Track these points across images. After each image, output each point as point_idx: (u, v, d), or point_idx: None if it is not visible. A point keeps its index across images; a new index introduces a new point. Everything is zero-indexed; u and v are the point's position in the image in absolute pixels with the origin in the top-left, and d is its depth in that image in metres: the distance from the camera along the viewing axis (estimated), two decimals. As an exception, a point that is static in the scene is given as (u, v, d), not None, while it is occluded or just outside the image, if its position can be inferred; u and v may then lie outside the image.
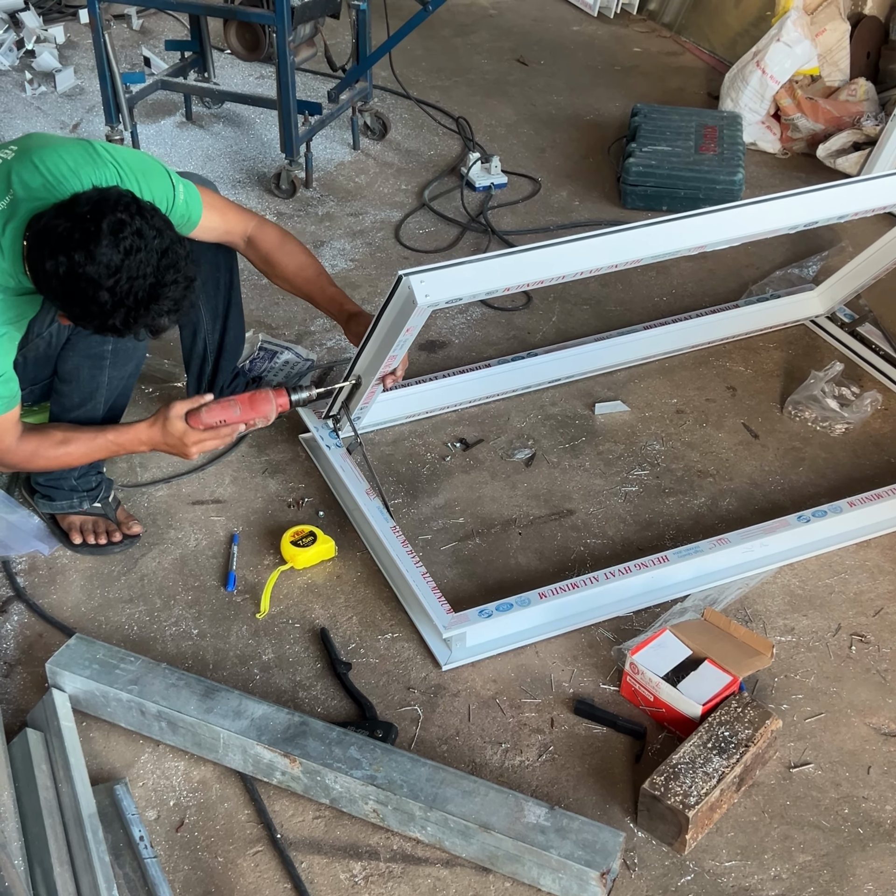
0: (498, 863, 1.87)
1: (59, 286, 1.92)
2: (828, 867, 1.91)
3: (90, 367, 2.33)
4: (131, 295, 1.91)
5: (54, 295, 1.97)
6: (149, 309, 1.95)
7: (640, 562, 2.37)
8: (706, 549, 2.40)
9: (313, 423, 2.74)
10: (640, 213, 3.88)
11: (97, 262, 1.88)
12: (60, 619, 2.34)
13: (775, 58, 4.19)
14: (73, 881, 1.77)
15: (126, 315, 1.94)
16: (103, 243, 1.87)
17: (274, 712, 2.03)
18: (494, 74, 4.98)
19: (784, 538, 2.47)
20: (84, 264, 1.87)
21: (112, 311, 1.93)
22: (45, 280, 1.94)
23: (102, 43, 3.77)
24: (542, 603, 2.28)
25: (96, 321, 1.97)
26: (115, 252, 1.88)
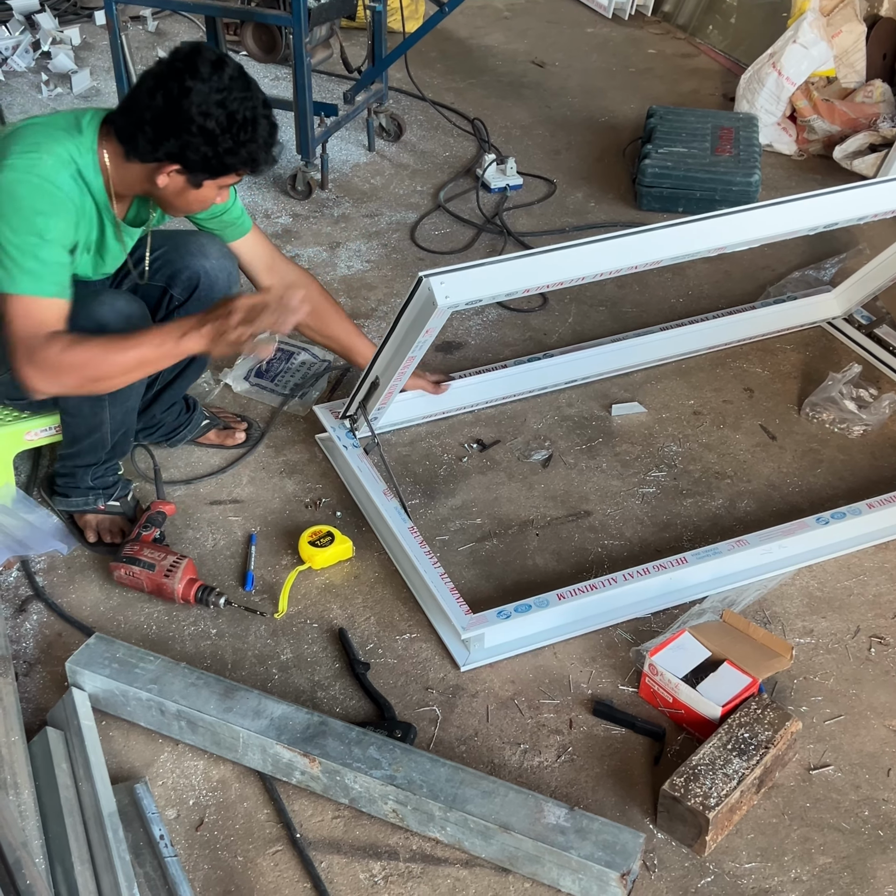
0: (517, 863, 1.87)
1: (175, 113, 2.02)
2: (848, 869, 1.91)
3: (91, 405, 2.35)
4: (241, 111, 2.04)
5: (168, 127, 2.03)
6: (255, 132, 2.08)
7: (658, 563, 2.37)
8: (725, 551, 2.40)
9: (330, 424, 2.74)
10: (655, 215, 3.87)
11: (192, 89, 2.01)
12: (79, 618, 2.34)
13: (791, 59, 4.18)
14: (93, 880, 1.78)
15: (237, 133, 2.05)
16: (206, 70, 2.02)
17: (293, 712, 2.03)
18: (509, 76, 4.99)
19: (803, 540, 2.46)
20: (184, 91, 2.01)
21: (223, 130, 2.04)
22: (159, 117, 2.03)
23: (119, 44, 3.78)
24: (560, 604, 2.28)
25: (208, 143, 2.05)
26: (206, 81, 2.02)
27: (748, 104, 4.32)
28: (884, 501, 2.53)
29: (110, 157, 2.15)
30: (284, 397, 2.95)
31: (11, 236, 2.03)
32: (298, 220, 3.82)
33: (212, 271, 2.42)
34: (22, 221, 2.03)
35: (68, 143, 2.10)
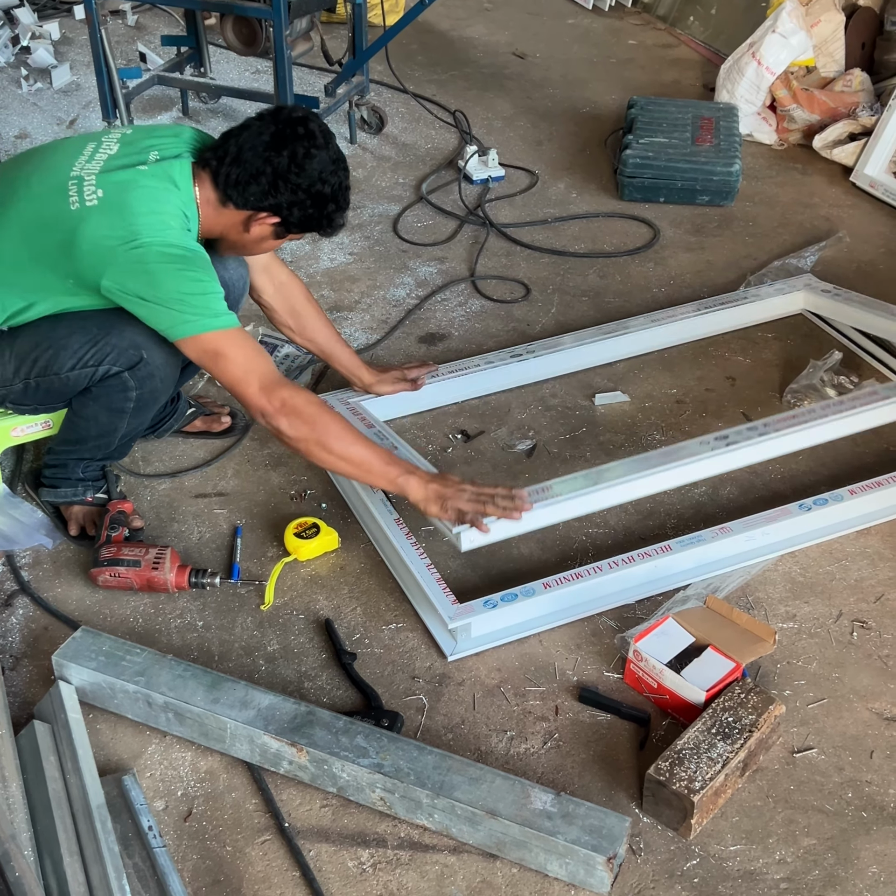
0: (505, 849, 1.89)
1: (281, 183, 2.18)
2: (832, 850, 1.93)
3: (109, 416, 2.39)
4: (339, 190, 2.25)
5: (285, 188, 2.18)
6: (346, 200, 2.29)
7: (643, 551, 2.38)
8: (709, 538, 2.41)
9: None
10: (637, 205, 3.89)
11: (316, 156, 2.19)
12: (65, 612, 2.35)
13: (771, 49, 4.20)
14: (82, 871, 1.78)
15: (340, 200, 2.26)
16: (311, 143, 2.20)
17: (280, 702, 2.04)
18: (491, 68, 4.99)
19: (786, 526, 2.48)
20: (309, 155, 2.18)
21: (331, 197, 2.23)
22: (280, 174, 2.17)
23: (99, 38, 3.77)
24: (546, 593, 2.29)
25: (316, 206, 2.23)
26: (325, 150, 2.21)
27: (728, 94, 4.33)
28: (865, 487, 2.55)
29: (201, 203, 2.23)
30: (268, 390, 2.95)
31: (186, 295, 2.13)
32: (281, 214, 3.82)
33: (230, 281, 2.45)
34: (187, 281, 2.13)
35: (176, 200, 2.18)
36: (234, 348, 2.17)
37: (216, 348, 2.15)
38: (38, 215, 2.17)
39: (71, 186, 2.15)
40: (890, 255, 3.62)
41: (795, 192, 3.99)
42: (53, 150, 2.29)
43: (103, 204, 2.13)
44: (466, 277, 3.49)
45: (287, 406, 2.17)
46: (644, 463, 2.41)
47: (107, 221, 2.11)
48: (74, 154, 2.22)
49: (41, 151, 2.32)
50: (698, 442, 2.47)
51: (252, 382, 2.17)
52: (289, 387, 2.20)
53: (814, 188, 4.02)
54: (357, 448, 2.23)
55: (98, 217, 2.11)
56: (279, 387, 2.18)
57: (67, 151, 2.24)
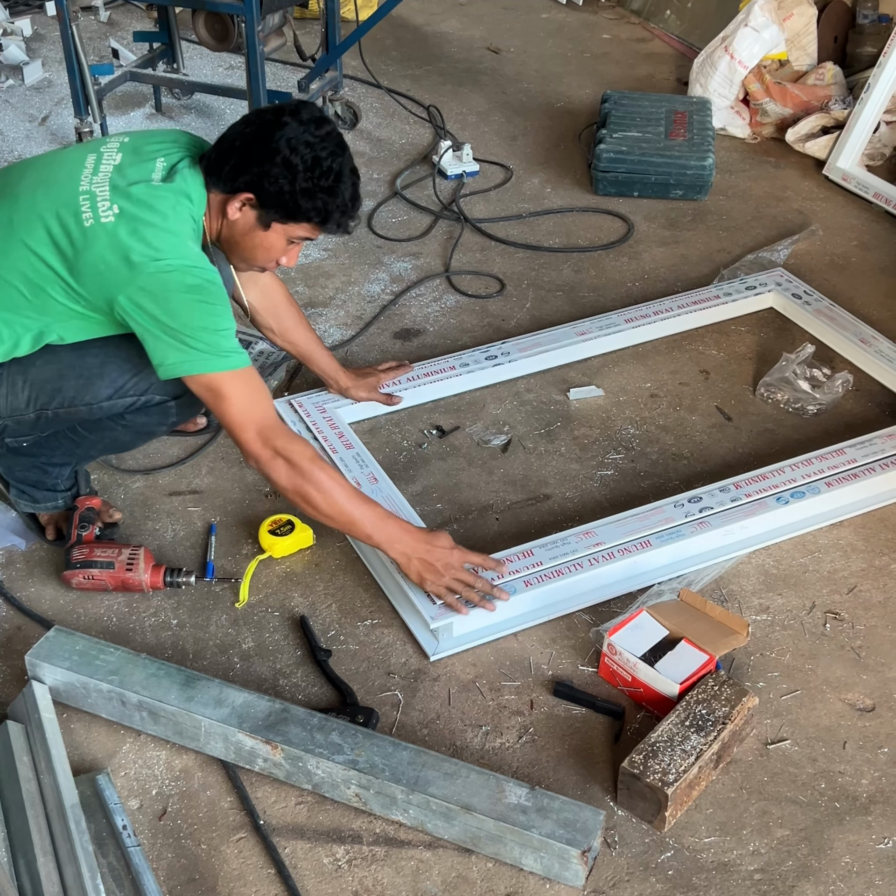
0: (480, 844, 1.89)
1: (263, 143, 2.08)
2: (805, 841, 1.94)
3: (134, 437, 2.42)
4: (328, 160, 2.11)
5: (253, 159, 2.09)
6: (337, 186, 2.14)
7: (623, 546, 2.38)
8: (688, 532, 2.42)
9: (290, 418, 2.75)
10: (611, 200, 3.89)
11: (287, 124, 2.09)
12: (39, 611, 2.33)
13: (743, 43, 4.20)
14: (56, 871, 1.78)
15: (319, 177, 2.10)
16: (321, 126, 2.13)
17: (255, 700, 2.04)
18: (465, 63, 4.98)
19: (763, 520, 2.49)
20: (279, 124, 2.09)
21: (304, 170, 2.08)
22: (247, 144, 2.10)
23: (70, 35, 3.75)
24: (528, 591, 2.29)
25: (286, 176, 2.09)
26: (303, 124, 2.10)
27: (701, 88, 4.34)
28: (841, 479, 2.56)
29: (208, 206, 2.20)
30: (243, 387, 2.95)
31: (197, 332, 2.07)
32: (255, 210, 3.81)
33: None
34: (199, 313, 2.08)
35: (190, 214, 2.13)
36: (236, 391, 2.12)
37: (218, 388, 2.11)
38: (48, 234, 2.09)
39: (83, 202, 2.07)
40: (862, 248, 3.64)
41: (769, 186, 4.00)
42: (51, 165, 2.20)
43: (120, 220, 2.05)
44: (441, 273, 3.49)
45: (281, 456, 2.14)
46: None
47: (126, 239, 2.04)
48: (77, 168, 2.14)
49: (36, 167, 2.22)
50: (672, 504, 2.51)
51: (249, 428, 2.13)
52: (284, 436, 2.15)
53: (787, 182, 4.04)
54: (345, 507, 2.18)
55: (115, 234, 2.04)
56: (275, 436, 2.14)
57: (67, 165, 2.16)
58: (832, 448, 2.63)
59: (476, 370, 2.98)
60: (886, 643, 2.29)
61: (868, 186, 3.88)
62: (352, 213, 2.21)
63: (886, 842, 1.93)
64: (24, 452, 2.40)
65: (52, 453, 2.40)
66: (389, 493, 2.51)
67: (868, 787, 2.02)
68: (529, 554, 2.36)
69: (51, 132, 4.24)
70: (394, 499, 2.50)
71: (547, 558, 2.35)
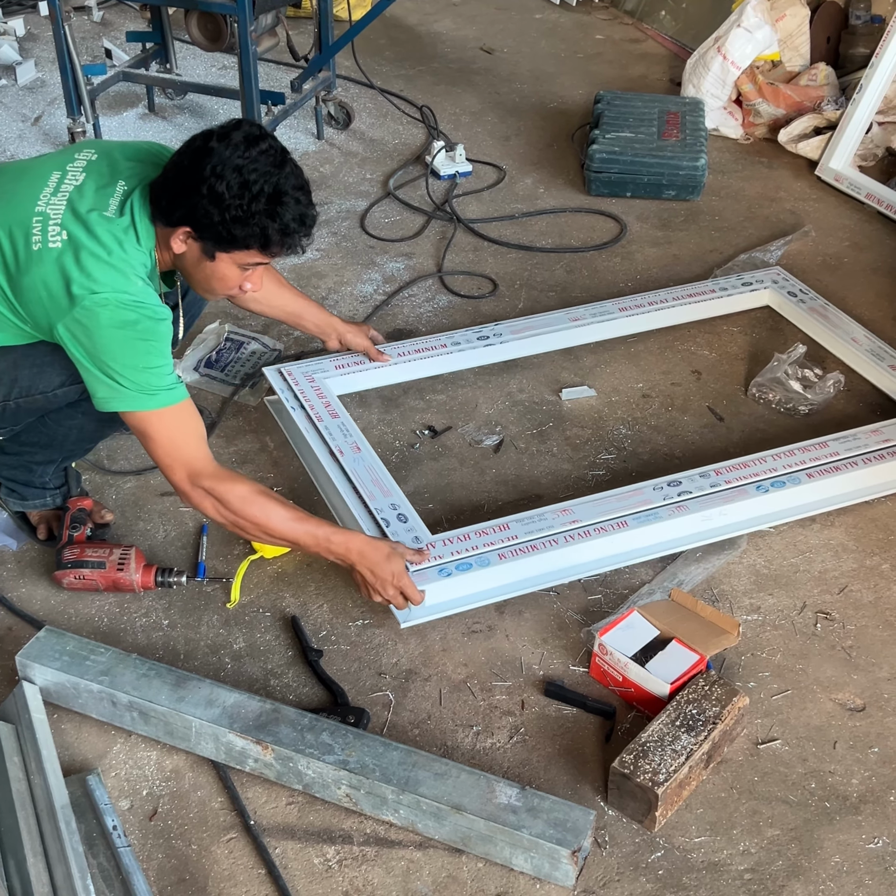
0: (470, 844, 1.89)
1: (191, 173, 1.99)
2: (796, 841, 1.94)
3: (98, 426, 2.36)
4: (260, 182, 1.98)
5: (183, 191, 2.01)
6: (275, 209, 2.00)
7: (599, 525, 2.40)
8: (665, 515, 2.43)
9: (279, 386, 2.79)
10: (604, 200, 3.90)
11: (213, 150, 1.98)
12: (30, 611, 2.33)
13: (736, 43, 4.21)
14: (46, 872, 1.78)
15: (249, 203, 1.98)
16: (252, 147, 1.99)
17: (246, 700, 2.04)
18: (459, 63, 4.99)
19: (743, 507, 2.49)
20: (206, 151, 1.98)
21: (237, 195, 1.97)
22: (190, 202, 1.99)
23: (63, 35, 3.74)
24: (502, 563, 2.31)
25: (215, 205, 1.99)
26: (231, 147, 1.98)
27: (694, 88, 4.34)
28: (823, 471, 2.56)
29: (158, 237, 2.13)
30: (235, 387, 2.95)
31: (125, 369, 2.03)
32: (248, 210, 3.80)
33: (187, 304, 2.43)
34: (131, 350, 2.03)
35: (138, 248, 2.07)
36: (162, 431, 2.09)
37: (144, 428, 2.08)
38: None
39: (35, 224, 2.03)
40: (854, 249, 3.65)
41: (761, 186, 4.01)
42: (18, 177, 2.15)
43: (67, 248, 2.01)
44: (434, 273, 3.49)
45: (211, 496, 2.13)
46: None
47: (69, 268, 1.99)
48: (39, 184, 2.09)
49: (6, 175, 2.18)
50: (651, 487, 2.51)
51: (176, 470, 2.12)
52: (212, 477, 2.13)
53: (779, 182, 4.04)
54: (286, 533, 2.19)
55: (60, 261, 2.00)
56: (204, 476, 2.12)
57: (32, 180, 2.11)
58: (815, 441, 2.64)
59: (467, 349, 2.99)
60: (877, 643, 2.30)
61: (860, 187, 3.89)
62: (298, 233, 2.08)
63: (876, 841, 1.94)
64: (7, 451, 2.40)
65: (33, 450, 2.40)
66: (371, 464, 2.53)
67: (858, 787, 2.03)
68: (506, 527, 2.39)
69: (43, 132, 4.24)
70: (376, 469, 2.52)
71: (523, 533, 2.37)
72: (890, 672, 2.24)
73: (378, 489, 2.46)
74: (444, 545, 2.34)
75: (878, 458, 2.61)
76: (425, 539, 2.35)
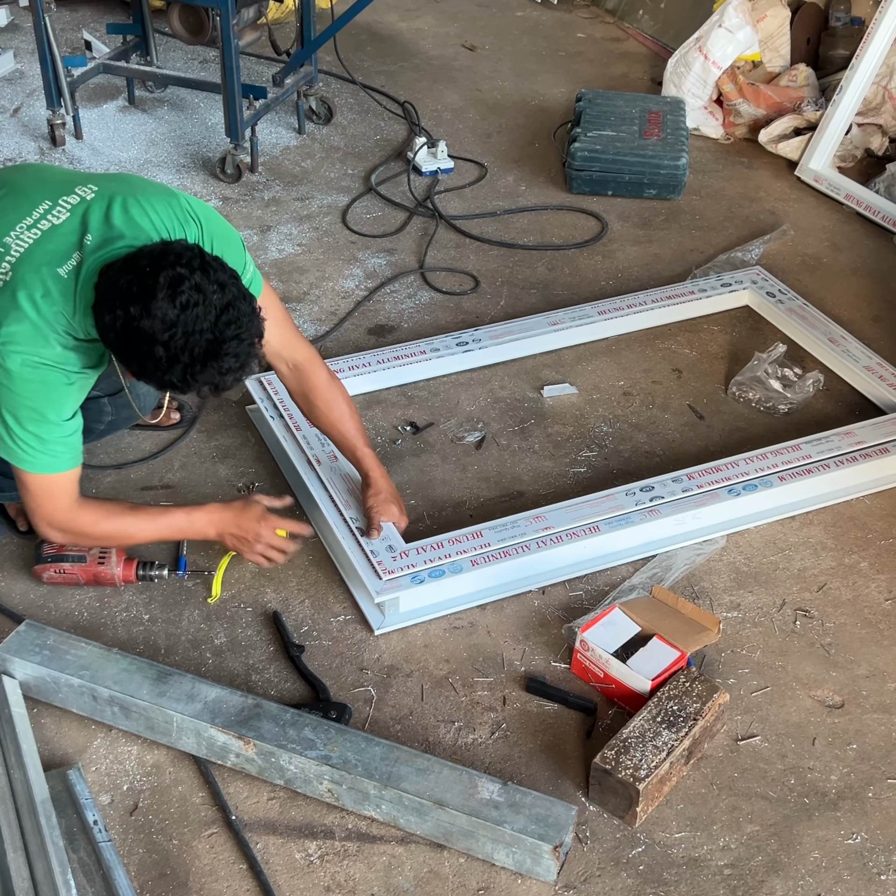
0: (452, 839, 1.89)
1: (117, 340, 1.86)
2: (775, 837, 1.95)
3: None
4: (187, 351, 1.82)
5: (114, 348, 1.90)
6: (207, 365, 1.85)
7: (571, 531, 2.41)
8: (637, 520, 2.44)
9: (258, 395, 2.77)
10: (585, 198, 3.90)
11: (152, 317, 1.79)
12: (9, 605, 2.32)
13: (717, 43, 4.22)
14: (27, 867, 1.77)
15: (183, 372, 1.85)
16: (159, 297, 1.79)
17: (227, 695, 2.04)
18: (440, 60, 4.98)
19: (715, 510, 2.51)
20: (139, 318, 1.80)
21: (168, 367, 1.84)
22: (104, 333, 1.88)
23: (43, 26, 3.72)
24: (474, 570, 2.32)
25: (155, 377, 1.89)
26: (171, 307, 1.79)
27: (675, 88, 4.35)
28: (795, 474, 2.58)
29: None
30: (216, 382, 2.93)
31: (18, 427, 1.99)
32: (228, 204, 3.79)
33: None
34: (28, 411, 1.98)
35: (66, 321, 1.96)
36: (34, 488, 2.09)
37: (20, 477, 2.08)
38: None
39: None
40: (833, 249, 3.67)
41: (741, 186, 4.02)
42: (16, 192, 2.08)
43: (3, 291, 1.94)
44: (416, 269, 3.49)
45: (68, 533, 2.19)
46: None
47: None
48: (26, 210, 2.01)
49: (14, 185, 2.11)
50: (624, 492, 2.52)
51: (41, 520, 2.15)
52: (69, 520, 2.16)
53: (759, 182, 4.06)
54: (154, 527, 2.26)
55: None
56: (62, 522, 2.16)
57: (24, 203, 2.03)
58: (788, 444, 2.65)
59: (446, 355, 3.00)
60: (855, 640, 2.31)
61: (839, 188, 3.92)
62: (236, 371, 1.92)
63: (855, 837, 1.95)
64: None
65: None
66: (349, 472, 2.52)
67: (837, 783, 2.04)
68: (479, 535, 2.39)
69: (23, 123, 4.21)
70: (353, 477, 2.50)
71: (496, 540, 2.38)
72: (868, 669, 2.25)
73: (353, 498, 2.46)
74: (417, 553, 2.34)
75: (850, 460, 2.63)
76: (399, 548, 2.35)
